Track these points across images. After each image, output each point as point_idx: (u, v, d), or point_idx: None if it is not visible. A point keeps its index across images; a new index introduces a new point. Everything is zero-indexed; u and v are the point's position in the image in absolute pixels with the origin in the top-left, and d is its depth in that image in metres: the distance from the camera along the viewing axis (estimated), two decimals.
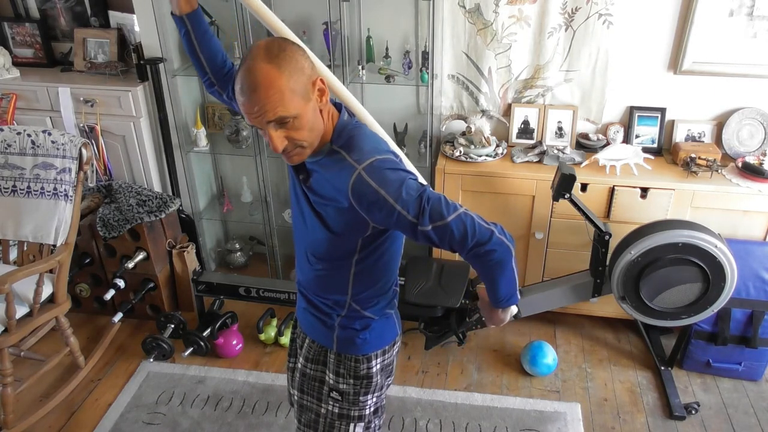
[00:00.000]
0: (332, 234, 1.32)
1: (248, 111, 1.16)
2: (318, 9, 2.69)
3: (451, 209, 1.23)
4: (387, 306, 1.51)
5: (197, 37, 1.49)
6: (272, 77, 1.13)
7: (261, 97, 1.14)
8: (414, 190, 1.21)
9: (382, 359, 1.52)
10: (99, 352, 2.77)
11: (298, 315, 1.60)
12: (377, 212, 1.22)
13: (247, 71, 1.14)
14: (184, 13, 1.45)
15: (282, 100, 1.14)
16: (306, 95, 1.19)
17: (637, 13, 2.56)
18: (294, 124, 1.18)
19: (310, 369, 1.55)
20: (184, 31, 1.49)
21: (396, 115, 2.91)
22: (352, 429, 1.53)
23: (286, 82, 1.14)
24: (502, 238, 1.27)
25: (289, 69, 1.15)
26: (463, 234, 1.23)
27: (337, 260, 1.38)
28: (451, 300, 2.40)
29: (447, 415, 2.44)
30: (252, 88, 1.14)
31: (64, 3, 3.04)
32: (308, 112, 1.19)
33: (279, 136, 1.18)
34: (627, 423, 2.42)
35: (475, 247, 1.25)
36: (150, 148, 2.98)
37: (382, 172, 1.21)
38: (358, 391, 1.51)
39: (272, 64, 1.14)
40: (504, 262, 1.30)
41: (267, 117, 1.15)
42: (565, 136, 2.81)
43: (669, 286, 2.21)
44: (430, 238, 1.23)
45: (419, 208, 1.20)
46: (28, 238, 2.44)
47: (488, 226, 1.26)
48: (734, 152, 2.68)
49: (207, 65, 1.54)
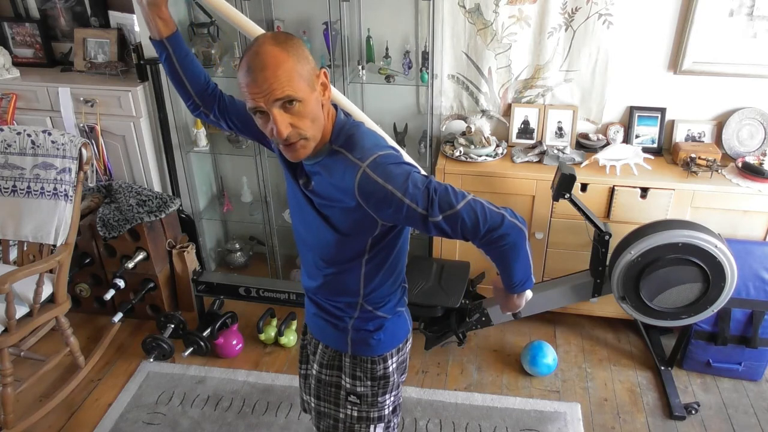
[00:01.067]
0: (341, 235, 1.30)
1: (254, 91, 1.14)
2: (318, 9, 2.69)
3: (460, 197, 1.22)
4: (398, 304, 1.50)
5: (179, 59, 1.46)
6: (281, 58, 1.13)
7: (269, 76, 1.13)
8: (420, 182, 1.21)
9: (397, 357, 1.52)
10: (99, 352, 2.77)
11: (308, 321, 1.59)
12: (386, 209, 1.21)
13: (255, 54, 1.14)
14: (164, 37, 1.42)
15: (290, 80, 1.14)
16: (311, 83, 1.19)
17: (637, 13, 2.56)
18: (299, 109, 1.17)
19: (325, 375, 1.54)
20: (165, 55, 1.45)
21: (396, 115, 2.91)
22: (372, 431, 1.53)
23: (294, 64, 1.15)
24: (514, 221, 1.26)
25: (297, 54, 1.16)
26: (474, 221, 1.22)
27: (347, 262, 1.37)
28: (451, 300, 2.40)
29: (447, 415, 2.44)
30: (260, 67, 1.13)
31: (64, 3, 3.04)
32: (312, 101, 1.19)
33: (284, 120, 1.17)
34: (627, 423, 2.42)
35: (488, 233, 1.23)
36: (150, 148, 2.98)
37: (387, 167, 1.20)
38: (376, 392, 1.50)
39: (280, 47, 1.14)
40: (518, 245, 1.28)
41: (275, 95, 1.14)
42: (565, 136, 2.81)
43: (669, 286, 2.21)
44: (442, 228, 1.22)
45: (428, 200, 1.19)
46: (28, 238, 2.44)
47: (499, 211, 1.25)
48: (734, 152, 2.68)
49: (191, 87, 1.51)
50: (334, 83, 2.66)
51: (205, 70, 1.55)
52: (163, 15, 1.40)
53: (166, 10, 1.40)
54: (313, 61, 1.21)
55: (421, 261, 2.68)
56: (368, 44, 2.76)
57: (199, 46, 2.81)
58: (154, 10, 1.38)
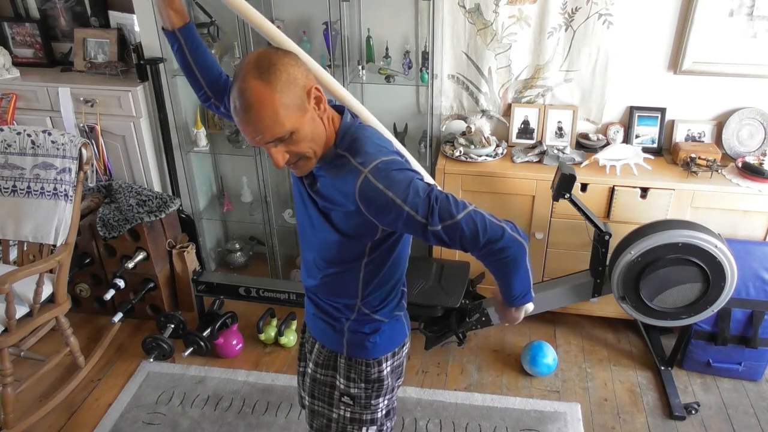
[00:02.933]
0: (342, 236, 1.30)
1: (246, 131, 1.16)
2: (318, 9, 2.69)
3: (461, 207, 1.22)
4: (396, 308, 1.50)
5: (191, 51, 1.45)
6: (264, 96, 1.12)
7: (254, 119, 1.13)
8: (422, 189, 1.20)
9: (392, 361, 1.52)
10: (99, 352, 2.77)
11: (307, 321, 1.59)
12: (386, 215, 1.21)
13: (239, 92, 1.13)
14: (176, 27, 1.41)
15: (276, 120, 1.13)
16: (301, 107, 1.17)
17: (637, 13, 2.56)
18: (292, 138, 1.17)
19: (320, 374, 1.55)
20: (177, 45, 1.44)
21: (396, 115, 2.91)
22: None
23: (279, 98, 1.13)
24: (515, 235, 1.25)
25: (281, 84, 1.13)
26: (474, 232, 1.21)
27: (348, 263, 1.37)
28: (451, 300, 2.40)
29: (447, 415, 2.44)
30: (245, 108, 1.13)
31: (64, 3, 3.04)
32: (305, 125, 1.18)
33: (279, 151, 1.18)
34: (627, 423, 2.42)
35: (487, 245, 1.23)
36: (150, 148, 2.98)
37: (389, 173, 1.20)
38: (370, 395, 1.50)
39: (262, 80, 1.12)
40: (518, 259, 1.28)
41: (265, 138, 1.15)
42: (565, 136, 2.81)
43: (669, 286, 2.21)
44: (440, 238, 1.22)
45: (428, 208, 1.19)
46: (28, 238, 2.44)
47: (499, 223, 1.25)
48: (734, 152, 2.68)
49: (202, 79, 1.50)
50: None
51: (218, 64, 1.53)
52: (175, 6, 1.39)
53: (178, 1, 1.39)
54: (303, 77, 1.17)
55: (421, 261, 2.68)
56: (368, 44, 2.76)
57: None
58: (167, 1, 1.38)
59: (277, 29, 1.48)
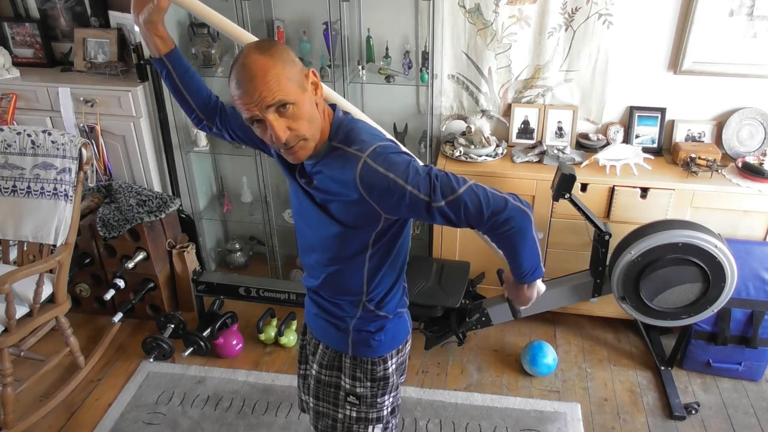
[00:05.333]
0: (343, 227, 1.30)
1: (247, 101, 1.17)
2: (318, 9, 2.69)
3: (461, 182, 1.23)
4: (399, 304, 1.50)
5: (179, 75, 1.48)
6: (268, 65, 1.15)
7: (259, 85, 1.15)
8: (421, 169, 1.22)
9: (397, 359, 1.52)
10: (99, 352, 2.77)
11: (309, 321, 1.59)
12: (389, 198, 1.21)
13: (242, 66, 1.16)
14: (163, 54, 1.44)
15: (279, 85, 1.15)
16: (301, 84, 1.20)
17: (637, 13, 2.56)
18: (293, 111, 1.18)
19: (325, 375, 1.54)
20: (165, 71, 1.48)
21: (396, 115, 2.91)
22: (371, 431, 1.53)
23: (281, 69, 1.16)
24: (518, 204, 1.25)
25: (282, 59, 1.17)
26: (477, 205, 1.22)
27: (350, 259, 1.37)
28: (451, 300, 2.40)
29: (447, 415, 2.44)
30: (248, 78, 1.15)
31: (64, 3, 3.04)
32: (305, 102, 1.20)
33: (281, 125, 1.18)
34: (627, 423, 2.42)
35: (492, 217, 1.23)
36: (150, 148, 2.97)
37: (388, 156, 1.21)
38: (376, 393, 1.51)
39: (265, 55, 1.16)
40: (524, 229, 1.26)
41: (266, 101, 1.15)
42: (565, 136, 2.81)
43: (669, 286, 2.21)
44: (445, 214, 1.22)
45: (430, 185, 1.20)
46: (28, 238, 2.44)
47: (502, 195, 1.25)
48: (734, 152, 2.68)
49: (193, 102, 1.53)
50: (334, 83, 2.66)
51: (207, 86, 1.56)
52: (160, 33, 1.41)
53: (162, 28, 1.41)
54: (300, 63, 1.22)
55: (421, 261, 2.68)
56: (368, 44, 2.76)
57: (199, 47, 2.81)
58: (151, 29, 1.40)
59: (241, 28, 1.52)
